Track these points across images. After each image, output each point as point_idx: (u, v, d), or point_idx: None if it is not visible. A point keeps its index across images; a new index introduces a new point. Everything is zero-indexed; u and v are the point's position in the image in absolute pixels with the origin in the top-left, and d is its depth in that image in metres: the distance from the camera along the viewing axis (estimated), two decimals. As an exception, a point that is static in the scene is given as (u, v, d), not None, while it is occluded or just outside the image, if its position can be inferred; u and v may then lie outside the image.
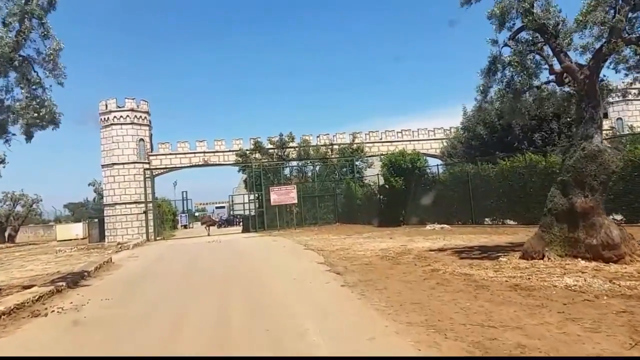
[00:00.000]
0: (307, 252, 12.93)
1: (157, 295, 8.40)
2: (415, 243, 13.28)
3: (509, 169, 17.26)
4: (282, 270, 9.86)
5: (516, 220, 17.21)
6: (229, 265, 11.44)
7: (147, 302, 7.75)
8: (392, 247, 12.80)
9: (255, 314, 6.23)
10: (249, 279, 9.19)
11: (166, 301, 7.67)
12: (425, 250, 11.70)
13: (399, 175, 21.81)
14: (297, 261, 11.07)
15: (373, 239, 15.63)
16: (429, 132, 32.74)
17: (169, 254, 15.91)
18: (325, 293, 7.42)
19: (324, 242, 16.12)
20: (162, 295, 8.35)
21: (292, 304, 6.77)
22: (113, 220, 29.58)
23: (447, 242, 13.16)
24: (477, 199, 18.51)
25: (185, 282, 9.42)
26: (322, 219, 28.27)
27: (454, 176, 19.71)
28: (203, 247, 18.50)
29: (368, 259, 10.94)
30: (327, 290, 7.57)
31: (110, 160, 29.63)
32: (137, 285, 9.63)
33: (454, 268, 8.75)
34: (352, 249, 13.02)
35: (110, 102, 29.86)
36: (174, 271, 11.02)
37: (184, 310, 6.74)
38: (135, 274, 11.25)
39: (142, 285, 9.49)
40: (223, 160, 31.60)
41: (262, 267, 10.67)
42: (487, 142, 24.80)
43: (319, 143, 31.64)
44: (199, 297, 7.76)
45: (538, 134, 22.92)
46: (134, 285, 9.66)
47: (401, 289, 7.26)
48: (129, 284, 9.90)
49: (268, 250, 14.88)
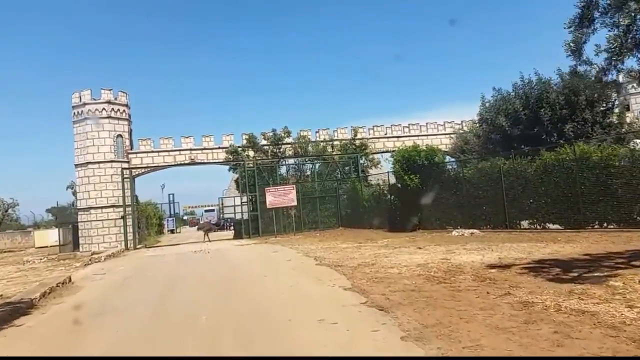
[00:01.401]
0: (321, 270, 9.99)
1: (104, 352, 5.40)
2: (458, 256, 10.42)
3: (553, 163, 14.52)
4: (298, 305, 6.87)
5: (562, 224, 14.50)
6: (219, 293, 8.43)
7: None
8: (430, 261, 9.93)
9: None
10: (251, 323, 6.17)
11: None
12: (480, 266, 8.86)
13: (414, 172, 18.99)
14: (314, 285, 8.13)
15: (397, 249, 12.74)
16: (437, 126, 29.97)
17: (143, 272, 12.82)
18: (380, 355, 4.51)
19: (335, 252, 13.19)
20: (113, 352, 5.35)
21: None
22: (88, 226, 26.33)
23: (498, 254, 10.33)
24: (511, 199, 15.75)
25: (155, 328, 6.40)
26: (323, 222, 25.32)
27: (482, 173, 16.91)
28: (187, 260, 15.42)
29: (409, 280, 8.07)
30: (381, 349, 4.66)
31: (85, 159, 26.39)
32: (83, 331, 6.60)
33: (553, 300, 5.95)
34: (377, 264, 10.12)
35: (84, 94, 26.62)
36: (142, 304, 7.98)
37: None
38: (89, 306, 8.22)
39: (87, 334, 6.43)
40: (212, 158, 28.48)
41: (267, 297, 7.68)
42: (509, 134, 22.14)
43: (317, 139, 28.69)
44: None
45: (570, 125, 20.29)
46: (76, 331, 6.64)
47: (505, 345, 4.41)
48: (72, 328, 6.86)
49: (269, 265, 11.88)
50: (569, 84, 20.81)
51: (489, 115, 23.12)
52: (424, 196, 19.02)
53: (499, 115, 22.38)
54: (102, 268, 14.34)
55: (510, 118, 22.07)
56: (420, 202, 19.12)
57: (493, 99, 23.51)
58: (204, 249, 18.88)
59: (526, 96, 21.89)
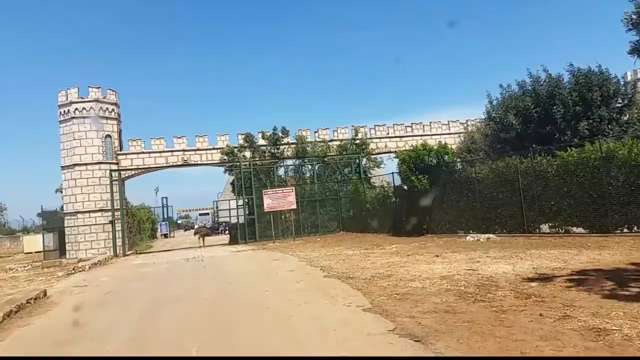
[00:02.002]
0: (331, 283, 8.74)
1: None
2: (484, 265, 9.22)
3: (576, 162, 13.38)
4: (313, 334, 5.56)
5: (586, 228, 13.37)
6: (212, 317, 7.15)
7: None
8: (454, 272, 8.72)
9: None
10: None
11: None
12: (515, 279, 7.68)
13: (423, 172, 17.81)
14: (327, 305, 6.88)
15: (410, 257, 11.51)
16: (442, 125, 28.81)
17: (127, 286, 11.46)
18: None
19: (342, 260, 11.94)
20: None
21: None
22: (75, 231, 24.88)
23: (529, 262, 9.15)
24: (529, 201, 14.60)
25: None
26: (323, 227, 24.06)
27: (496, 173, 15.74)
28: (177, 271, 14.05)
29: (438, 297, 6.85)
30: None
31: (72, 160, 24.96)
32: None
33: (631, 325, 4.79)
34: (394, 275, 8.89)
35: (71, 92, 25.20)
36: (119, 330, 6.69)
37: None
38: (57, 331, 6.92)
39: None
40: (206, 159, 27.13)
41: (273, 322, 6.41)
42: (519, 133, 21.02)
43: (317, 139, 27.41)
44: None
45: (585, 123, 19.17)
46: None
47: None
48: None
49: (270, 277, 10.57)
50: (582, 79, 19.78)
51: (498, 114, 21.97)
52: (432, 198, 17.86)
53: (508, 114, 21.24)
54: (84, 279, 12.99)
55: (520, 116, 20.96)
56: (428, 205, 17.95)
57: (501, 97, 22.40)
58: (197, 256, 17.54)
59: (536, 93, 20.80)
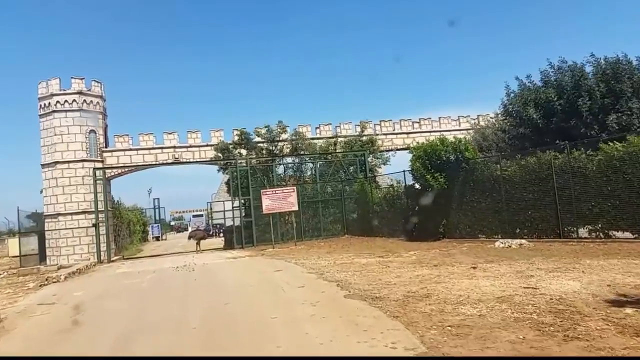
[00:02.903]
0: (355, 306, 6.91)
1: None
2: (543, 281, 7.44)
3: (621, 157, 11.69)
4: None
5: (635, 232, 11.67)
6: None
7: None
8: (510, 291, 6.91)
9: None
10: None
11: None
12: (594, 300, 5.93)
13: (439, 170, 16.06)
14: (359, 343, 5.02)
15: (440, 267, 9.71)
16: (451, 121, 27.10)
17: (101, 305, 9.49)
18: None
19: (358, 272, 10.09)
20: None
21: None
22: (56, 235, 22.89)
23: (597, 277, 7.40)
24: (565, 202, 12.89)
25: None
26: (326, 230, 22.26)
27: (525, 170, 14.01)
28: (164, 284, 12.07)
29: (508, 331, 5.05)
30: None
31: (52, 157, 23.00)
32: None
33: None
34: (434, 295, 7.08)
35: (52, 83, 23.23)
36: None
37: None
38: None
39: None
40: (199, 157, 25.22)
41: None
42: (540, 128, 19.36)
43: (318, 135, 25.56)
44: None
45: (613, 116, 17.54)
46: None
47: None
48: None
49: (276, 295, 8.63)
50: (609, 69, 18.18)
51: (516, 108, 20.31)
52: (450, 199, 16.13)
53: (528, 107, 19.59)
54: (54, 294, 11.07)
55: (541, 109, 19.31)
56: (445, 206, 16.23)
57: (519, 89, 20.74)
58: (189, 263, 15.63)
59: (560, 84, 19.15)
